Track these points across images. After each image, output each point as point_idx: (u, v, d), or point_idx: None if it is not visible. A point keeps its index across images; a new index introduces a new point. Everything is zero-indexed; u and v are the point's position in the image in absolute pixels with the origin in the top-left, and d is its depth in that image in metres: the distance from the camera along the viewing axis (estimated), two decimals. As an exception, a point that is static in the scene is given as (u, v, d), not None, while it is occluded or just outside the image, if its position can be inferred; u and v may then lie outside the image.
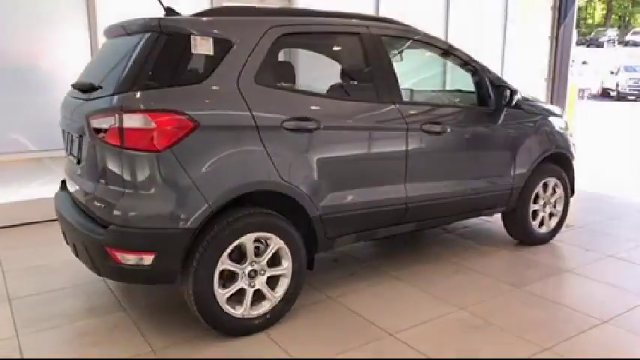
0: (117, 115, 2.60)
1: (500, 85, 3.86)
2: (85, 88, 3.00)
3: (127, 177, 2.63)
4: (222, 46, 2.82)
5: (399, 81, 3.48)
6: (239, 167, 2.80)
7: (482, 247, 4.43)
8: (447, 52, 3.85)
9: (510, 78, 3.85)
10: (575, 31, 8.58)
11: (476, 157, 3.89)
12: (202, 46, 2.79)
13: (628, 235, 4.80)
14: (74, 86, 3.10)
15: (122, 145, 2.61)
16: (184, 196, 2.65)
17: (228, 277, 2.85)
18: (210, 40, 2.81)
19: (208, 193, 2.68)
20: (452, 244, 4.50)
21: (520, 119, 4.08)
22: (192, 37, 2.76)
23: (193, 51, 2.76)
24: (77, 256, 3.04)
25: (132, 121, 2.58)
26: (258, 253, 2.91)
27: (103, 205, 2.73)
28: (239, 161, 2.80)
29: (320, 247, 3.18)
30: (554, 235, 4.54)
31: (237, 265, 2.85)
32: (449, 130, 3.61)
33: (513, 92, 3.78)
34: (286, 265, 3.00)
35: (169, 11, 3.24)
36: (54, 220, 4.89)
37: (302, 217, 3.06)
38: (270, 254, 2.94)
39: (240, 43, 2.87)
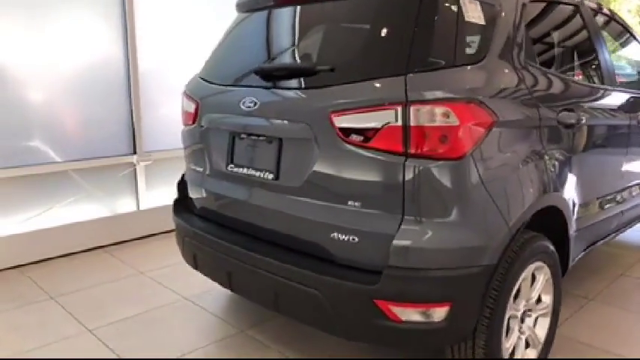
0: (400, 108, 1.78)
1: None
2: (290, 72, 2.13)
3: (409, 197, 1.82)
4: (490, 14, 2.09)
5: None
6: (532, 177, 2.09)
7: (623, 252, 4.01)
8: (627, 30, 3.34)
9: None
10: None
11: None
12: (473, 13, 2.04)
13: None
14: (265, 71, 2.20)
15: (406, 151, 1.80)
16: (485, 221, 1.89)
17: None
18: (479, 4, 2.06)
19: (508, 215, 1.94)
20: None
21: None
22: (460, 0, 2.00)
23: (466, 18, 2.00)
24: (277, 309, 2.17)
25: (426, 115, 1.78)
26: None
27: (356, 239, 1.90)
28: (531, 168, 2.08)
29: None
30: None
31: (516, 308, 2.14)
32: (649, 121, 3.10)
33: None
34: (547, 300, 2.33)
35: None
36: (82, 252, 3.86)
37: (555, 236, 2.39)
38: (541, 289, 2.25)
39: (504, 10, 2.15)
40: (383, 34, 1.98)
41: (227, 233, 2.35)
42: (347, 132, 1.88)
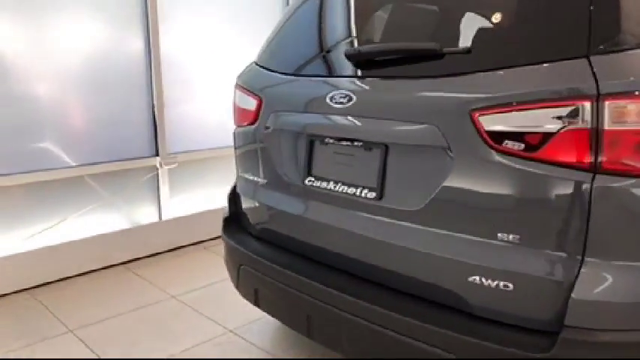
0: (588, 105, 1.25)
1: None
2: (404, 56, 1.59)
3: (596, 230, 1.29)
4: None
5: None
6: None
7: None
8: None
9: None
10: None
11: None
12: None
13: None
14: (364, 54, 1.66)
15: (595, 164, 1.27)
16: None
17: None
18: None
19: None
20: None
21: None
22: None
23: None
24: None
25: (625, 114, 1.25)
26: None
27: (510, 286, 1.37)
28: None
29: None
30: None
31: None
32: None
33: None
34: None
35: None
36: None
37: None
38: None
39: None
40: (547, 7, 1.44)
41: (305, 265, 1.82)
42: (499, 137, 1.35)
